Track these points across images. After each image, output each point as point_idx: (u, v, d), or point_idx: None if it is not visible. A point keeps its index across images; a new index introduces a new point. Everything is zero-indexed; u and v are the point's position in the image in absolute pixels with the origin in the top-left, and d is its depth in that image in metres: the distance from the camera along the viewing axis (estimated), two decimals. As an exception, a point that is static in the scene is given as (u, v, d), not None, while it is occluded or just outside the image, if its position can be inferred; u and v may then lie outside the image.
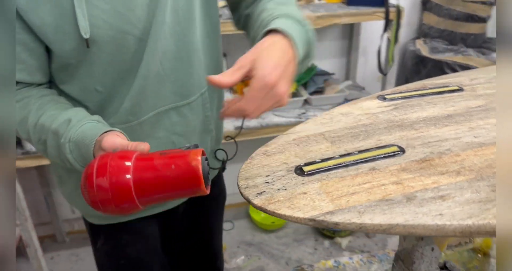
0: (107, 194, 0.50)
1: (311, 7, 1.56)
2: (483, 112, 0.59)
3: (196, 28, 0.74)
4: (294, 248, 2.16)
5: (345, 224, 0.43)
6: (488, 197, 0.43)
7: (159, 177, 0.51)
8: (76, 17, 0.60)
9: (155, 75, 0.71)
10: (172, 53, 0.72)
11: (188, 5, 0.71)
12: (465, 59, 1.77)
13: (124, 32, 0.64)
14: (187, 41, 0.73)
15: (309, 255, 2.15)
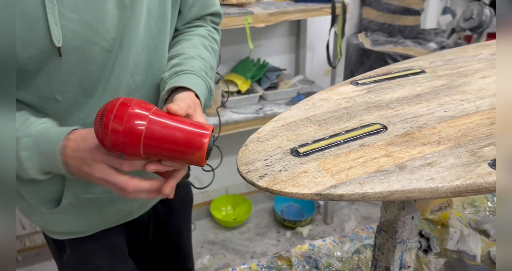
0: (118, 139, 0.55)
1: (262, 5, 1.61)
2: (447, 90, 0.66)
3: (167, 40, 0.75)
4: (258, 241, 2.21)
5: (349, 195, 0.47)
6: (469, 161, 0.49)
7: (169, 137, 0.57)
8: (48, 25, 0.58)
9: (125, 88, 0.71)
10: (143, 66, 0.72)
11: (162, 18, 0.72)
12: (405, 49, 1.90)
13: (92, 43, 0.63)
14: (159, 54, 0.74)
15: (273, 247, 2.21)
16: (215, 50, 0.84)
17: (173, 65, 0.75)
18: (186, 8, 0.79)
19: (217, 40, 0.87)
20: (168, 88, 0.70)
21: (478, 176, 0.46)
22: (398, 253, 0.69)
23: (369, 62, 1.95)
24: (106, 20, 0.63)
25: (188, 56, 0.76)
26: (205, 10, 0.83)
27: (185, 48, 0.78)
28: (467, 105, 0.61)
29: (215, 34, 0.87)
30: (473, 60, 0.76)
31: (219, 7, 0.86)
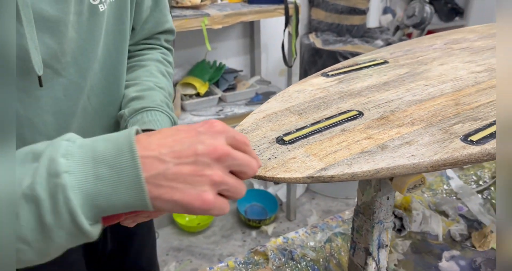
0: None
1: (217, 7, 1.62)
2: (411, 77, 0.71)
3: (125, 59, 0.72)
4: (224, 244, 2.21)
5: (339, 175, 0.50)
6: (442, 138, 0.54)
7: None
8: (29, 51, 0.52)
9: (81, 111, 0.66)
10: (101, 88, 0.68)
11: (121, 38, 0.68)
12: (354, 47, 1.99)
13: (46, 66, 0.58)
14: (117, 74, 0.70)
15: (239, 248, 2.22)
16: (171, 75, 0.81)
17: (131, 98, 0.71)
18: (139, 25, 0.75)
19: (171, 63, 0.83)
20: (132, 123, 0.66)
21: (454, 150, 0.51)
22: (376, 233, 0.73)
23: (321, 61, 2.02)
24: (65, 43, 0.58)
25: (146, 87, 0.72)
26: (158, 27, 0.79)
27: (141, 77, 0.74)
28: (432, 89, 0.66)
29: (169, 57, 0.84)
30: (430, 49, 0.82)
31: (172, 24, 0.82)
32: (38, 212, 0.36)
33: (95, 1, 0.61)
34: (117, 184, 0.37)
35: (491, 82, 0.68)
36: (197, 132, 0.41)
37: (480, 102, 0.62)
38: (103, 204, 0.37)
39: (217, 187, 0.41)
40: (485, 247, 1.11)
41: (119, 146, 0.38)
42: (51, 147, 0.38)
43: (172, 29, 0.82)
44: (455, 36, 0.91)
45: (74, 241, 0.38)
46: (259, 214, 2.27)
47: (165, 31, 0.81)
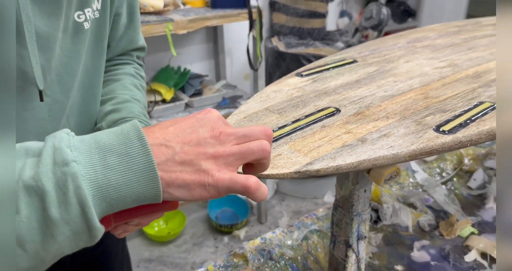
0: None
1: (180, 12, 1.62)
2: (381, 74, 0.75)
3: (102, 77, 0.71)
4: (196, 252, 2.19)
5: (324, 169, 0.52)
6: (416, 129, 0.57)
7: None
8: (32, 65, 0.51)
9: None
10: (78, 106, 0.67)
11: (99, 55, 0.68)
12: (316, 50, 2.05)
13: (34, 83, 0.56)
14: (94, 92, 0.70)
15: (212, 254, 2.20)
16: (144, 89, 0.82)
17: (108, 112, 0.70)
18: (114, 42, 0.76)
19: (144, 78, 0.84)
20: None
21: (428, 140, 0.54)
22: (355, 226, 0.76)
23: (285, 64, 2.06)
24: (52, 60, 0.57)
25: (122, 100, 0.72)
26: (132, 44, 0.80)
27: (116, 91, 0.74)
28: (401, 85, 0.70)
29: (142, 71, 0.84)
30: (394, 48, 0.86)
31: (144, 42, 0.84)
32: (42, 205, 0.33)
33: (80, 19, 0.60)
34: (128, 172, 0.36)
35: (455, 76, 0.73)
36: (196, 118, 0.42)
37: (447, 95, 0.66)
38: (113, 195, 0.35)
39: (226, 163, 0.41)
40: (452, 235, 1.17)
41: (125, 135, 0.37)
42: (52, 138, 0.36)
43: (144, 46, 0.84)
44: (416, 35, 0.97)
45: (76, 242, 0.35)
46: (230, 218, 2.27)
47: (138, 48, 0.82)
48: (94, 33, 0.65)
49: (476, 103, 0.64)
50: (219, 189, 0.40)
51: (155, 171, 0.37)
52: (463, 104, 0.63)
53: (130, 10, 0.74)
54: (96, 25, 0.65)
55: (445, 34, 0.99)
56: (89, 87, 0.68)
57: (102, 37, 0.67)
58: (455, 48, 0.90)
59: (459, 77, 0.74)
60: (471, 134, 0.56)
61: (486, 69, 0.78)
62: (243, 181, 0.41)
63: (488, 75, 0.75)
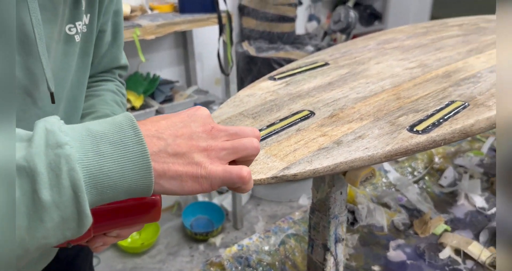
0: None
1: (148, 18, 1.59)
2: (352, 76, 0.75)
3: (84, 91, 0.71)
4: (171, 261, 2.15)
5: (301, 173, 0.51)
6: (390, 129, 0.57)
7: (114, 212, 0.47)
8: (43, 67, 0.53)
9: None
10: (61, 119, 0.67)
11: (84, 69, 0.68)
12: (287, 54, 2.05)
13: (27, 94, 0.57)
14: (76, 106, 0.69)
15: (187, 263, 2.17)
16: (125, 105, 0.82)
17: None
18: (96, 59, 0.76)
19: (125, 95, 0.84)
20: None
21: (403, 140, 0.54)
22: (333, 229, 0.76)
23: (256, 68, 2.05)
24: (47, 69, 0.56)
25: (103, 114, 0.72)
26: (114, 63, 0.80)
27: (97, 106, 0.74)
28: (373, 86, 0.70)
29: (123, 89, 0.84)
30: (364, 50, 0.87)
31: (127, 60, 0.84)
32: (32, 187, 0.31)
33: (71, 32, 0.60)
34: (122, 160, 0.35)
35: (425, 76, 0.74)
36: (187, 114, 0.42)
37: (418, 95, 0.66)
38: (105, 183, 0.34)
39: (218, 157, 0.41)
40: (426, 233, 1.19)
41: (117, 124, 0.37)
42: (44, 122, 0.34)
43: (126, 65, 0.84)
44: (385, 37, 0.98)
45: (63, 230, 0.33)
46: (206, 226, 2.24)
47: (120, 66, 0.82)
48: (82, 47, 0.65)
49: (448, 102, 0.65)
50: (212, 180, 0.40)
51: (148, 160, 0.36)
52: (435, 104, 0.64)
53: (114, 28, 0.75)
54: (84, 39, 0.65)
55: (413, 35, 1.00)
56: (72, 100, 0.67)
57: (88, 52, 0.67)
58: (423, 48, 0.92)
59: (429, 77, 0.75)
60: (445, 133, 0.56)
61: (455, 68, 0.80)
62: (238, 171, 0.40)
63: (458, 74, 0.76)
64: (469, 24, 1.21)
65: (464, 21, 1.25)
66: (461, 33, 1.08)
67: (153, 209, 0.48)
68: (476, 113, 0.61)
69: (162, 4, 1.76)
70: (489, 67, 0.81)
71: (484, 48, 0.94)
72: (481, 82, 0.73)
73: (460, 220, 1.25)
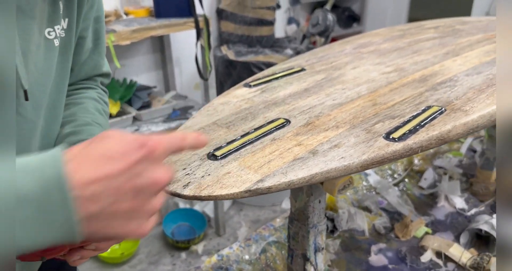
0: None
1: (123, 23, 1.56)
2: (329, 82, 0.74)
3: (64, 99, 0.68)
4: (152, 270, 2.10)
5: (276, 185, 0.49)
6: (366, 137, 0.56)
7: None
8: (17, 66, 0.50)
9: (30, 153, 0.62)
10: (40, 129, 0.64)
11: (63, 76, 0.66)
12: (266, 57, 2.04)
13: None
14: (56, 114, 0.67)
15: (169, 272, 2.12)
16: (107, 114, 0.79)
17: (67, 134, 0.67)
18: (77, 67, 0.73)
19: (107, 103, 0.82)
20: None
21: (379, 148, 0.53)
22: (312, 238, 0.74)
23: (236, 73, 2.04)
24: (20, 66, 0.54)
25: (83, 122, 0.70)
26: (96, 70, 0.78)
27: (77, 113, 0.72)
28: (349, 92, 0.69)
29: (105, 97, 0.82)
30: (341, 54, 0.86)
31: (109, 68, 0.82)
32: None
33: (51, 36, 0.59)
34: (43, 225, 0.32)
35: (402, 81, 0.73)
36: (134, 161, 0.36)
37: (395, 101, 0.65)
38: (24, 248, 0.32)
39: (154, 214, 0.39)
40: (407, 236, 1.19)
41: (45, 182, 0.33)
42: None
43: (108, 72, 0.82)
44: (362, 40, 0.97)
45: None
46: (187, 233, 2.20)
47: (102, 74, 0.80)
48: (61, 52, 0.63)
49: (424, 107, 0.64)
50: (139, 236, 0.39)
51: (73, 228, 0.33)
52: (411, 110, 0.63)
53: (95, 35, 0.73)
54: (63, 44, 0.63)
55: (390, 38, 1.00)
56: (52, 108, 0.64)
57: (67, 57, 0.65)
58: (400, 52, 0.92)
59: (405, 82, 0.74)
60: (421, 140, 0.55)
61: (432, 72, 0.79)
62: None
63: (434, 78, 0.76)
64: (445, 26, 1.21)
65: (440, 23, 1.26)
66: (438, 35, 1.09)
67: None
68: (453, 118, 0.60)
69: (138, 9, 1.73)
70: (465, 70, 0.81)
71: (460, 50, 0.94)
72: (457, 86, 0.72)
73: (441, 222, 1.25)
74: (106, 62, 0.81)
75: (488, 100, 0.66)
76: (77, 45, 0.70)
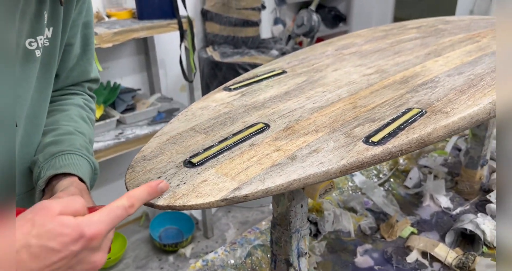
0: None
1: (105, 25, 1.53)
2: (309, 85, 0.73)
3: (47, 107, 0.67)
4: (140, 275, 2.08)
5: (253, 193, 0.48)
6: (346, 142, 0.55)
7: None
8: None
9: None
10: (19, 139, 0.63)
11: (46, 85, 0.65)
12: (252, 58, 2.03)
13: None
14: (38, 123, 0.65)
15: (157, 276, 2.10)
16: (92, 122, 0.78)
17: (47, 144, 0.66)
18: (64, 73, 0.72)
19: (94, 110, 0.80)
20: (46, 176, 0.59)
21: (358, 153, 0.52)
22: (295, 243, 0.73)
23: (221, 74, 2.02)
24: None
25: (65, 131, 0.68)
26: (84, 76, 0.76)
27: (60, 122, 0.70)
28: (330, 95, 0.68)
29: (92, 103, 0.80)
30: (323, 56, 0.85)
31: (98, 73, 0.80)
32: None
33: (32, 46, 0.58)
34: None
35: (382, 83, 0.72)
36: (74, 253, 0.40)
37: (375, 103, 0.65)
38: None
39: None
40: (393, 236, 1.18)
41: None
42: None
43: (97, 78, 0.80)
44: (344, 41, 0.97)
45: None
46: (175, 236, 2.18)
47: (90, 80, 0.79)
48: (43, 61, 0.62)
49: (404, 110, 0.63)
50: None
51: None
52: (391, 112, 0.62)
53: (84, 41, 0.71)
54: (46, 53, 0.62)
55: (372, 39, 1.00)
56: (33, 117, 0.64)
57: (51, 66, 0.64)
58: (382, 53, 0.91)
59: (386, 83, 0.73)
60: (401, 144, 0.55)
61: (413, 73, 0.79)
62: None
63: (415, 79, 0.76)
64: (427, 26, 1.21)
65: (423, 23, 1.26)
66: (420, 35, 1.09)
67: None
68: (434, 121, 0.60)
69: (120, 11, 1.71)
70: (447, 70, 0.80)
71: (442, 50, 0.94)
72: (438, 87, 0.72)
73: (426, 222, 1.25)
74: (95, 68, 0.79)
75: (469, 101, 0.65)
76: (64, 52, 0.69)
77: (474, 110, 0.62)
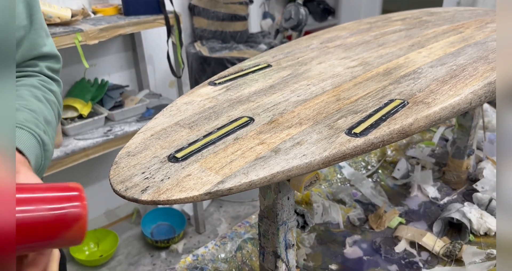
0: None
1: (90, 22, 1.52)
2: (294, 78, 0.73)
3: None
4: (133, 272, 2.08)
5: (237, 186, 0.49)
6: (329, 133, 0.55)
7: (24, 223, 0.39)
8: None
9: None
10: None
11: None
12: (240, 53, 2.03)
13: None
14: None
15: (149, 273, 2.10)
16: (52, 102, 0.70)
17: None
18: None
19: (55, 92, 0.72)
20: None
21: (341, 144, 0.53)
22: (282, 235, 0.74)
23: (210, 69, 2.01)
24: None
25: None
26: (34, 50, 0.69)
27: None
28: (314, 88, 0.69)
29: (52, 85, 0.73)
30: (308, 50, 0.86)
31: (55, 49, 0.73)
32: None
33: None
34: None
35: (366, 75, 0.73)
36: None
37: (358, 95, 0.65)
38: None
39: None
40: (382, 227, 1.20)
41: None
42: None
43: (53, 53, 0.73)
44: (329, 35, 0.97)
45: None
46: (167, 232, 2.18)
47: (44, 56, 0.72)
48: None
49: (387, 101, 0.64)
50: None
51: None
52: (374, 104, 0.63)
53: (29, 10, 0.65)
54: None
55: (356, 32, 1.00)
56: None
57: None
58: (366, 45, 0.92)
59: (370, 75, 0.74)
60: (383, 135, 0.55)
61: (396, 65, 0.79)
62: None
63: (398, 71, 0.76)
64: (412, 17, 1.22)
65: (408, 15, 1.27)
66: (404, 27, 1.09)
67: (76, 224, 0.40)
68: (415, 111, 0.60)
69: (106, 7, 1.69)
70: (429, 62, 0.81)
71: (425, 42, 0.95)
72: (421, 78, 0.73)
73: (414, 212, 1.27)
74: (50, 41, 0.72)
75: (451, 91, 0.66)
76: None
77: (456, 100, 0.63)
